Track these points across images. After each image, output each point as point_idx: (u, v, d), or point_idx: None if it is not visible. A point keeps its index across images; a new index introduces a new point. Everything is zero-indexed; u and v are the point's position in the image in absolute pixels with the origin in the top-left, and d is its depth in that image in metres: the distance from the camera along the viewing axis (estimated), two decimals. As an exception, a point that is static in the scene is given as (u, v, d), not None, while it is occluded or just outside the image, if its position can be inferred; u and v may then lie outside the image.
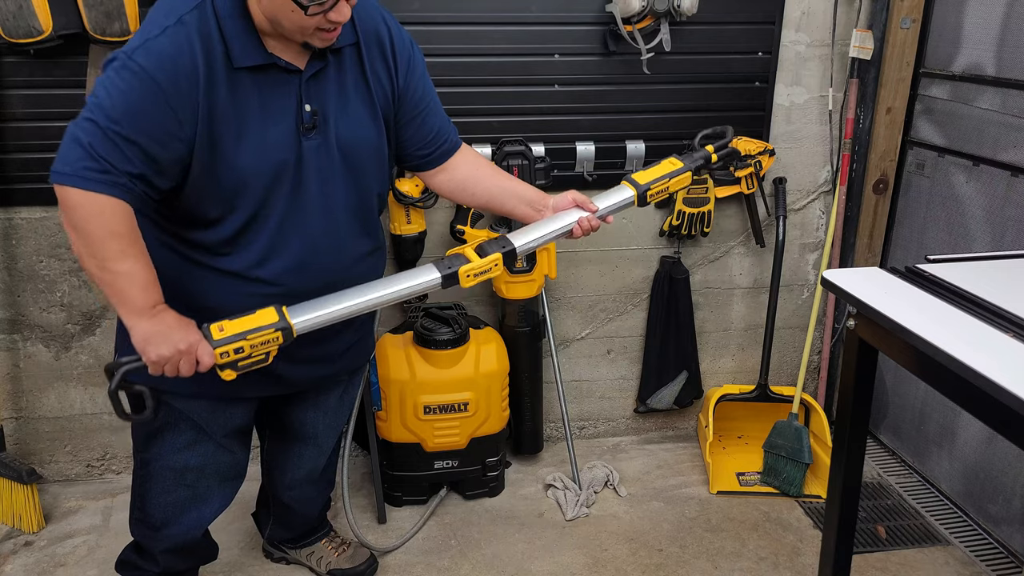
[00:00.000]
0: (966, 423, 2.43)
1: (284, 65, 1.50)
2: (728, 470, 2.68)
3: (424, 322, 2.38)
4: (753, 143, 2.55)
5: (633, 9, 2.27)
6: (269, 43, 1.49)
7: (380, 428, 2.39)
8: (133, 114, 1.39)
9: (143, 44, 1.40)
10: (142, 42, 1.41)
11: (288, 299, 1.55)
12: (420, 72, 1.70)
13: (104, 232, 1.41)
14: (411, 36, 1.69)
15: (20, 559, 2.25)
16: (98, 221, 1.40)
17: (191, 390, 1.65)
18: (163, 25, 1.42)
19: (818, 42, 2.59)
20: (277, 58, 1.49)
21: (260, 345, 1.49)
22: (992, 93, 2.28)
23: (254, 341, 1.48)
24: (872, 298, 1.44)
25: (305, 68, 1.53)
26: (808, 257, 2.83)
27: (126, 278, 1.44)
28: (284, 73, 1.51)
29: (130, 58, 1.39)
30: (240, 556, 2.26)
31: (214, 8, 1.45)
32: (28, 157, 2.29)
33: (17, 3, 2.03)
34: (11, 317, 2.44)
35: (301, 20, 1.42)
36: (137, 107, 1.39)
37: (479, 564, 2.25)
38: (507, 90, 2.46)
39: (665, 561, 2.27)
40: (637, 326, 2.81)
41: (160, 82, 1.39)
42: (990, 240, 2.31)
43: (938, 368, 1.27)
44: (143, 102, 1.39)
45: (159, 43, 1.40)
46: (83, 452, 2.61)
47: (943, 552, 2.32)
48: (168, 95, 1.40)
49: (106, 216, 1.40)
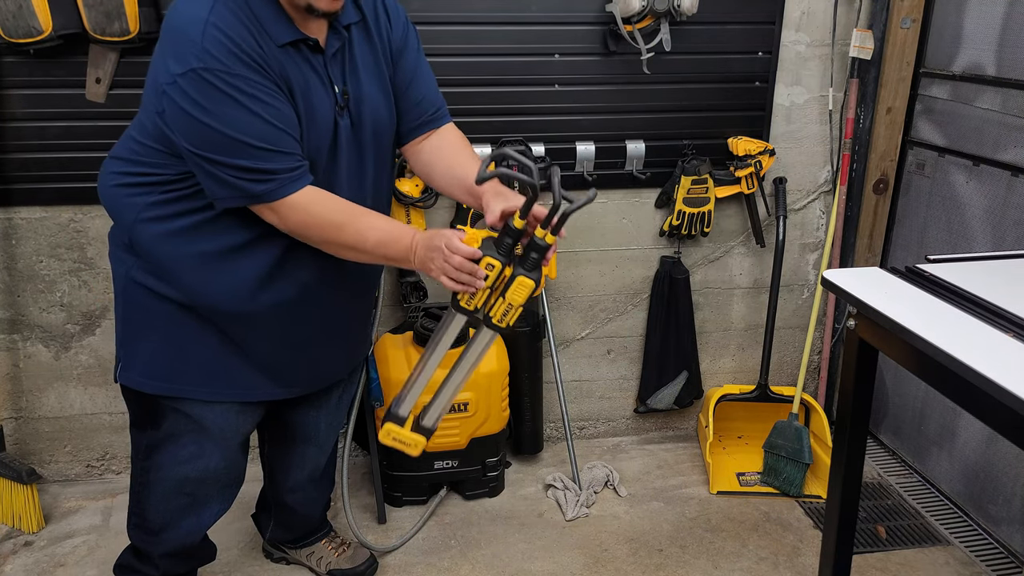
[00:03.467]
0: (966, 423, 2.43)
1: (312, 42, 1.50)
2: (728, 470, 2.68)
3: (424, 322, 2.38)
4: (753, 143, 2.55)
5: (633, 9, 2.26)
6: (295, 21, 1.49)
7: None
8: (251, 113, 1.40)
9: (202, 44, 1.37)
10: (198, 44, 1.37)
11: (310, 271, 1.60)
12: (413, 40, 1.69)
13: (327, 224, 1.49)
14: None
15: (20, 559, 2.25)
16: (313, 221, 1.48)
17: (213, 394, 1.67)
18: (202, 20, 1.38)
19: (818, 42, 2.59)
20: (306, 35, 1.49)
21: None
22: (992, 93, 2.28)
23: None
24: (872, 298, 1.44)
25: (326, 46, 1.53)
26: (808, 257, 2.83)
27: (379, 247, 1.51)
28: (311, 51, 1.51)
29: (204, 69, 1.36)
30: (240, 556, 2.26)
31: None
32: (28, 157, 2.29)
33: (17, 3, 2.03)
34: (11, 317, 2.44)
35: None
36: (249, 104, 1.40)
37: (479, 564, 2.25)
38: (507, 90, 2.46)
39: (665, 561, 2.27)
40: (637, 326, 2.81)
41: (244, 72, 1.39)
42: (990, 240, 2.31)
43: (938, 368, 1.27)
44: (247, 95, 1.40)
45: (213, 36, 1.38)
46: (83, 452, 2.60)
47: (943, 552, 2.32)
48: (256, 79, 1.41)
49: (307, 208, 1.47)
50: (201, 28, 1.37)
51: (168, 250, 1.58)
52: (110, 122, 2.29)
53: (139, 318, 1.65)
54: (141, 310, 1.64)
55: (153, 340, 1.65)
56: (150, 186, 1.56)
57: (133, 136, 1.58)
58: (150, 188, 1.56)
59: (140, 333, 1.66)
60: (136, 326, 1.66)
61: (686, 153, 2.58)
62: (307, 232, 1.51)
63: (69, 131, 2.29)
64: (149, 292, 1.61)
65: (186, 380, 1.66)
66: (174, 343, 1.64)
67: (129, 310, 1.66)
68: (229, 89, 1.38)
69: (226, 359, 1.67)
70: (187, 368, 1.65)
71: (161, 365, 1.65)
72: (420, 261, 1.50)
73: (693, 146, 2.59)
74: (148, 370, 1.66)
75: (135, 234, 1.59)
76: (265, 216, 1.50)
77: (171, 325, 1.63)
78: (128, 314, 1.67)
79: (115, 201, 1.62)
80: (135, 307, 1.65)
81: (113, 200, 1.62)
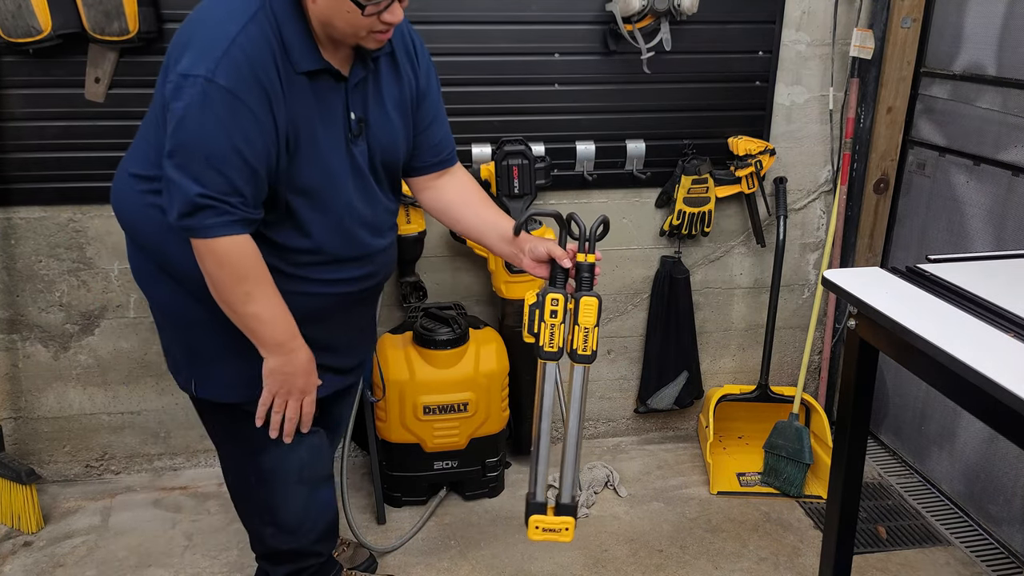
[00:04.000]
0: (966, 423, 2.43)
1: (335, 71, 1.50)
2: (728, 470, 2.68)
3: (424, 322, 2.37)
4: (753, 143, 2.55)
5: (633, 8, 2.26)
6: (321, 49, 1.49)
7: (380, 428, 2.38)
8: (232, 142, 1.39)
9: (221, 59, 1.36)
10: (218, 57, 1.36)
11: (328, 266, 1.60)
12: (435, 81, 1.72)
13: (230, 288, 1.48)
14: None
15: (19, 559, 2.25)
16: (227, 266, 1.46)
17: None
18: (231, 34, 1.38)
19: (818, 41, 2.59)
20: (329, 64, 1.49)
21: None
22: (993, 93, 2.28)
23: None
24: (873, 298, 1.44)
25: (350, 76, 1.53)
26: (809, 257, 2.83)
27: (254, 319, 1.51)
28: (333, 80, 1.51)
29: (211, 81, 1.36)
30: (240, 556, 2.26)
31: (272, 11, 1.42)
32: (27, 157, 2.29)
33: (16, 3, 2.02)
34: (10, 317, 2.43)
35: (356, 21, 1.41)
36: (236, 134, 1.39)
37: (479, 565, 2.25)
38: (507, 89, 2.46)
39: (665, 562, 2.27)
40: (637, 326, 2.80)
41: (249, 101, 1.39)
42: (990, 240, 2.31)
43: (938, 368, 1.27)
44: (240, 125, 1.39)
45: (235, 55, 1.37)
46: (82, 452, 2.60)
47: (943, 552, 2.32)
48: (258, 111, 1.41)
49: (223, 256, 1.45)
50: (226, 44, 1.37)
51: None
52: (109, 122, 2.29)
53: (202, 336, 1.61)
54: (200, 327, 1.59)
55: (224, 353, 1.61)
56: None
57: (151, 144, 1.53)
58: None
59: (207, 350, 1.62)
60: (201, 345, 1.62)
61: (686, 153, 2.58)
62: (211, 275, 1.48)
63: (68, 131, 2.28)
64: (206, 309, 1.56)
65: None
66: (245, 351, 1.59)
67: (188, 334, 1.62)
68: (226, 110, 1.38)
69: None
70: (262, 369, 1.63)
71: (240, 373, 1.61)
72: (269, 368, 1.56)
73: (693, 146, 2.58)
74: (229, 380, 1.63)
75: (166, 252, 1.55)
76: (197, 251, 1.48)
77: (235, 337, 1.58)
78: (188, 338, 1.63)
79: (147, 221, 1.56)
80: (193, 327, 1.61)
81: (145, 220, 1.56)
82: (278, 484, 1.75)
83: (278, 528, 1.80)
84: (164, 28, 2.23)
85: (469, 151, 2.44)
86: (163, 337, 1.72)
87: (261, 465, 1.72)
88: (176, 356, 1.69)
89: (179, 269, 1.55)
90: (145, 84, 2.25)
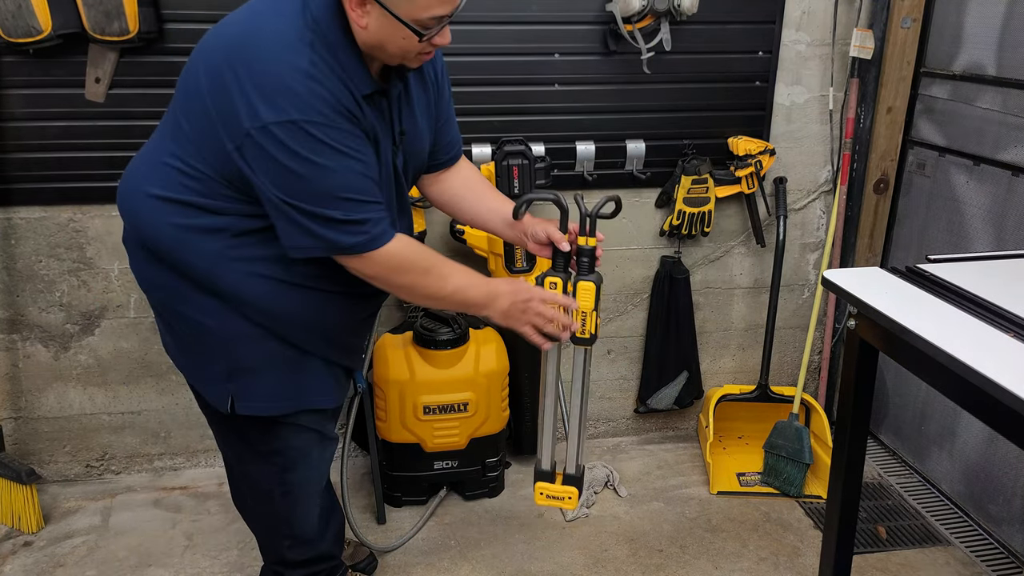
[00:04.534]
0: (966, 423, 2.43)
1: (383, 89, 1.50)
2: (728, 470, 2.68)
3: (424, 322, 2.37)
4: (753, 143, 2.55)
5: (633, 8, 2.26)
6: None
7: (380, 428, 2.38)
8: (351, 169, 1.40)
9: (305, 97, 1.34)
10: (301, 94, 1.34)
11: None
12: (448, 80, 1.73)
13: (416, 272, 1.52)
14: None
15: (19, 559, 2.25)
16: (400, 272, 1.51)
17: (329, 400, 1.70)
18: (300, 68, 1.35)
19: (818, 41, 2.59)
20: (381, 85, 1.49)
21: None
22: (993, 93, 2.28)
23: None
24: (872, 298, 1.44)
25: (391, 89, 1.53)
26: (808, 257, 2.83)
27: (460, 293, 1.57)
28: (381, 96, 1.51)
29: (304, 123, 1.34)
30: (240, 556, 2.26)
31: (324, 36, 1.39)
32: (27, 157, 2.29)
33: (16, 3, 2.03)
34: (10, 317, 2.43)
35: (411, 46, 1.41)
36: (348, 160, 1.40)
37: (479, 564, 2.25)
38: (507, 89, 2.46)
39: (665, 562, 2.27)
40: (637, 326, 2.80)
41: (342, 125, 1.39)
42: (990, 240, 2.31)
43: (938, 368, 1.27)
44: (348, 144, 1.40)
45: (315, 90, 1.35)
46: (82, 452, 2.60)
47: (943, 552, 2.32)
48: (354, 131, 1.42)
49: (395, 257, 1.48)
50: (303, 80, 1.34)
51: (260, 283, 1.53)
52: (109, 122, 2.29)
53: (247, 350, 1.58)
54: (245, 340, 1.57)
55: (268, 365, 1.59)
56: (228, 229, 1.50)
57: (181, 168, 1.47)
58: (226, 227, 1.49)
59: (251, 364, 1.59)
60: (245, 359, 1.59)
61: (686, 153, 2.58)
62: (389, 280, 1.53)
63: (68, 131, 2.28)
64: (251, 323, 1.55)
65: (310, 392, 1.65)
66: (290, 361, 1.60)
67: (230, 348, 1.58)
68: (331, 141, 1.37)
69: (332, 367, 1.68)
70: (308, 380, 1.63)
71: (286, 384, 1.61)
72: (502, 312, 1.58)
73: (693, 146, 2.58)
74: (274, 392, 1.61)
75: (218, 276, 1.51)
76: (348, 264, 1.50)
77: (281, 350, 1.59)
78: (231, 352, 1.58)
79: (184, 245, 1.50)
80: (237, 341, 1.57)
81: (183, 247, 1.50)
82: (302, 497, 1.76)
83: (295, 540, 1.81)
84: (164, 28, 2.23)
85: (469, 151, 2.44)
86: (193, 352, 1.63)
87: (288, 480, 1.72)
88: (214, 372, 1.60)
89: (229, 290, 1.51)
90: (145, 84, 2.27)
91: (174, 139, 1.48)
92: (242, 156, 1.39)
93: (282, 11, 1.39)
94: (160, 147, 1.52)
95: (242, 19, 1.44)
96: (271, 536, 1.84)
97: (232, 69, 1.37)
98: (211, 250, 1.49)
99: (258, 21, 1.41)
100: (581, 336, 1.62)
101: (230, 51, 1.39)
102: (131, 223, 1.57)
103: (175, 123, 1.48)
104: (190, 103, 1.44)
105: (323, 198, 1.40)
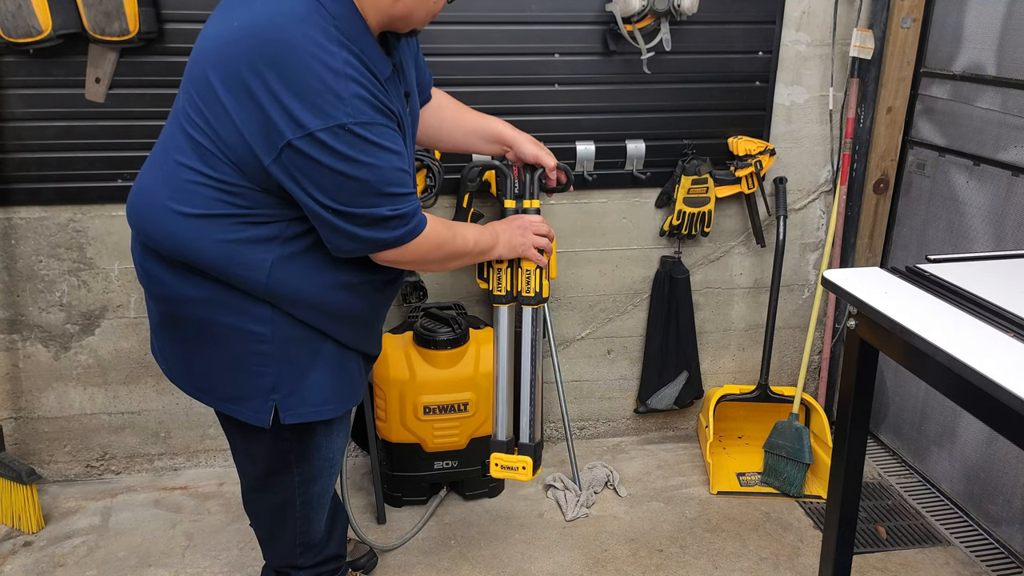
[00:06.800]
0: (966, 423, 2.43)
1: (395, 64, 1.52)
2: (728, 470, 2.68)
3: (424, 322, 2.37)
4: (753, 143, 2.55)
5: (633, 8, 2.26)
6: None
7: (380, 428, 2.39)
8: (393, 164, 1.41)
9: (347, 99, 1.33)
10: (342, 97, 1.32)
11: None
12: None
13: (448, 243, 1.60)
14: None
15: (19, 559, 2.25)
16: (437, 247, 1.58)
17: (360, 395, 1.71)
18: (336, 69, 1.32)
19: (818, 41, 2.59)
20: (393, 62, 1.50)
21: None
22: (993, 93, 2.28)
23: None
24: (872, 298, 1.44)
25: (393, 56, 1.54)
26: (808, 257, 2.83)
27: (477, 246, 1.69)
28: (395, 72, 1.52)
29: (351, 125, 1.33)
30: (240, 556, 2.26)
31: (342, 31, 1.36)
32: (27, 157, 2.29)
33: (16, 2, 2.03)
34: (10, 317, 2.43)
35: (437, 7, 1.48)
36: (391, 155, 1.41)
37: (479, 564, 2.25)
38: (507, 90, 2.46)
39: (665, 562, 2.27)
40: (637, 326, 2.80)
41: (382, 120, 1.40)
42: (990, 240, 2.31)
43: (938, 368, 1.27)
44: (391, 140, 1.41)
45: (354, 91, 1.34)
46: (82, 452, 2.60)
47: (943, 552, 2.32)
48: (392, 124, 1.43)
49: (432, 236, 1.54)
50: (343, 82, 1.32)
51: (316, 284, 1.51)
52: (109, 122, 2.29)
53: (300, 354, 1.54)
54: (299, 344, 1.53)
55: (318, 364, 1.57)
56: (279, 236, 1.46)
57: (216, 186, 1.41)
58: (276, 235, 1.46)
59: (302, 366, 1.55)
60: (296, 362, 1.54)
61: (686, 153, 2.58)
62: (427, 257, 1.57)
63: (68, 131, 2.29)
64: (304, 326, 1.52)
65: (350, 392, 1.64)
66: (336, 359, 1.59)
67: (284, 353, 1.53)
68: (376, 138, 1.37)
69: (361, 364, 1.69)
70: (347, 380, 1.63)
71: (335, 385, 1.60)
72: (508, 244, 1.75)
73: (693, 146, 2.58)
74: (325, 395, 1.58)
75: (277, 283, 1.46)
76: (385, 256, 1.50)
77: (330, 351, 1.58)
78: (285, 356, 1.53)
79: (234, 259, 1.44)
80: (291, 345, 1.53)
81: (230, 259, 1.44)
82: (318, 505, 1.77)
83: (307, 546, 1.81)
84: (164, 28, 2.23)
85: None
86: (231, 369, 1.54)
87: (309, 491, 1.72)
88: (257, 386, 1.53)
89: (288, 293, 1.48)
90: (145, 84, 2.27)
91: (199, 157, 1.40)
92: (282, 167, 1.35)
93: (295, 8, 1.33)
94: (180, 164, 1.42)
95: (248, 16, 1.34)
96: (284, 544, 1.80)
97: (259, 76, 1.30)
98: (265, 259, 1.45)
99: (277, 20, 1.32)
100: (527, 295, 1.77)
101: (252, 57, 1.31)
102: (167, 245, 1.46)
103: (191, 140, 1.40)
104: (210, 119, 1.37)
105: (373, 197, 1.40)
